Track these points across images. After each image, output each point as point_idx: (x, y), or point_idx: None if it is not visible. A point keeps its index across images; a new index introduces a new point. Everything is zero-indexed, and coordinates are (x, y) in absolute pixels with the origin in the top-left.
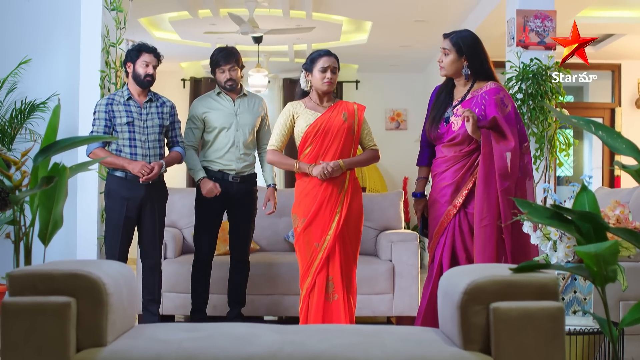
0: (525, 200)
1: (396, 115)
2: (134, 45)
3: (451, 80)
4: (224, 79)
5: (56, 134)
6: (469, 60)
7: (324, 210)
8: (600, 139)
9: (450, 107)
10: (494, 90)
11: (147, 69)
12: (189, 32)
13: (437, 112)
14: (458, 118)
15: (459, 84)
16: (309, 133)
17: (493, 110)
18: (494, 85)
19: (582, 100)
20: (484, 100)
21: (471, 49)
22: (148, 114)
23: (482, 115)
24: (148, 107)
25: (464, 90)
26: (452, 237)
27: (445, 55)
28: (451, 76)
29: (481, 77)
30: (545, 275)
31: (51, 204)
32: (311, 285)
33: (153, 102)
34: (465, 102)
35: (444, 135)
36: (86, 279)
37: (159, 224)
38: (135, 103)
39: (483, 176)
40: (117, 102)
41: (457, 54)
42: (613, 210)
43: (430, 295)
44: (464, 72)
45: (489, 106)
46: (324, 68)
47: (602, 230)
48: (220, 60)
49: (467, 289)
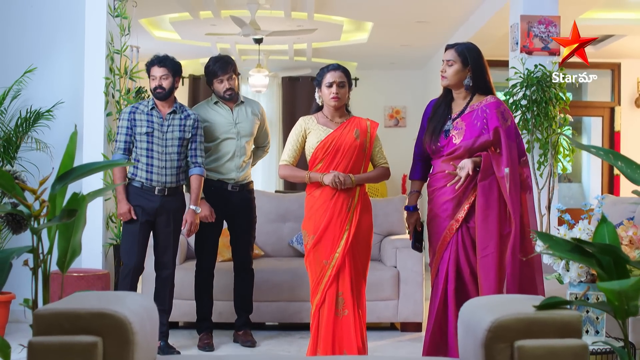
0: (547, 233)
1: (395, 113)
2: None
3: (449, 93)
4: (223, 89)
5: (73, 161)
6: (473, 71)
7: (333, 226)
8: (619, 170)
9: (450, 120)
10: (495, 104)
11: (154, 82)
12: (190, 32)
13: (435, 125)
14: (458, 131)
15: (458, 97)
16: (320, 149)
17: (495, 122)
18: (493, 99)
19: (581, 99)
20: (485, 114)
21: (476, 61)
22: (169, 126)
23: (485, 128)
24: (170, 119)
25: (463, 103)
26: (455, 252)
27: (449, 66)
28: (452, 87)
29: (480, 91)
30: (569, 313)
31: (70, 233)
32: (321, 301)
33: (177, 114)
34: (465, 115)
35: (444, 148)
36: (113, 318)
37: (174, 235)
38: (158, 114)
39: (482, 207)
40: (141, 111)
41: (462, 64)
42: (626, 232)
43: (437, 312)
44: (466, 82)
45: (490, 119)
46: (330, 83)
47: (622, 263)
48: (217, 70)
49: (491, 327)
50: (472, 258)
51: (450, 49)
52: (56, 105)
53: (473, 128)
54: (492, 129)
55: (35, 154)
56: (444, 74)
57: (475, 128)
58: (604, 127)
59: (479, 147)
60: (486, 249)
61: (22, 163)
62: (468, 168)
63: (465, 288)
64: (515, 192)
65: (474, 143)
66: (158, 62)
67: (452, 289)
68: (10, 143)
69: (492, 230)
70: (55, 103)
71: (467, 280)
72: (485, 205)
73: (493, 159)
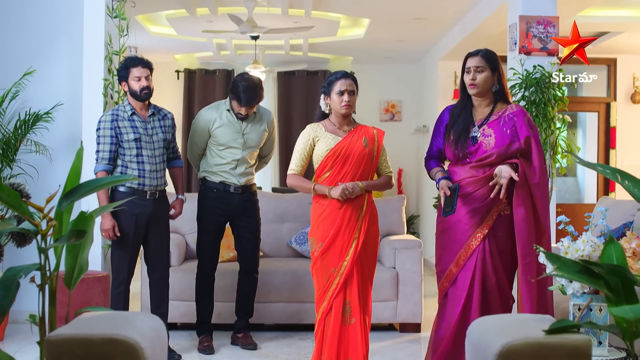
0: (555, 254)
1: (391, 107)
2: (120, 63)
3: (469, 100)
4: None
5: (79, 177)
6: (499, 77)
7: (342, 235)
8: (626, 189)
9: (475, 127)
10: (522, 112)
11: (140, 82)
12: (186, 29)
13: (460, 132)
14: (487, 138)
15: (480, 104)
16: (329, 158)
17: (526, 131)
18: (517, 107)
19: (576, 94)
20: (513, 122)
21: (499, 66)
22: (153, 129)
23: (515, 135)
24: (152, 122)
25: (487, 110)
26: (482, 261)
27: (480, 72)
28: (479, 95)
29: (502, 97)
30: (579, 337)
31: (77, 250)
32: (327, 310)
33: (156, 116)
34: (492, 122)
35: (473, 154)
36: (124, 344)
37: (166, 238)
38: (140, 118)
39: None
40: (122, 117)
41: (491, 70)
42: (629, 243)
43: (457, 321)
44: (495, 88)
45: (520, 127)
46: (341, 91)
47: (630, 285)
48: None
49: (501, 352)
50: (499, 267)
51: (475, 56)
52: (55, 107)
53: (503, 135)
54: (523, 138)
55: (34, 156)
56: (474, 81)
57: (505, 135)
58: (600, 122)
59: (511, 155)
60: (528, 256)
61: (21, 165)
62: (509, 174)
63: (489, 297)
64: (545, 199)
65: (507, 150)
66: (142, 63)
67: (478, 299)
68: (9, 145)
69: (531, 238)
70: (54, 105)
71: (492, 289)
72: (525, 213)
73: (525, 166)
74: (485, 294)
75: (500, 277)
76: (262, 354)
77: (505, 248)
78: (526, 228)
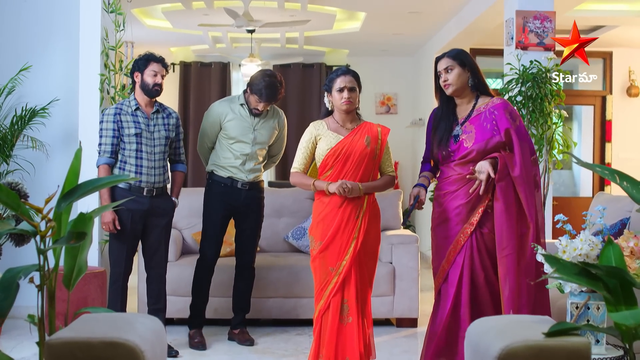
0: (553, 256)
1: (386, 100)
2: (140, 55)
3: (451, 101)
4: (258, 107)
5: (78, 177)
6: (471, 71)
7: (341, 234)
8: (624, 190)
9: (458, 126)
10: (503, 105)
11: (155, 78)
12: (182, 22)
13: (443, 132)
14: (468, 135)
15: (462, 102)
16: (330, 156)
17: (505, 123)
18: (499, 100)
19: (572, 88)
20: (493, 115)
21: (470, 61)
22: (155, 125)
23: (495, 129)
24: (155, 119)
25: (469, 107)
26: (470, 257)
27: (449, 72)
28: (457, 93)
29: (482, 91)
30: (578, 340)
31: (76, 251)
32: (325, 308)
33: (160, 114)
34: (473, 118)
35: (455, 152)
36: (125, 348)
37: (165, 236)
38: (143, 114)
39: (501, 208)
40: (125, 112)
41: (460, 67)
42: (627, 242)
43: (447, 317)
44: (470, 82)
45: (500, 120)
46: (341, 88)
47: (628, 286)
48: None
49: (500, 354)
50: (486, 263)
51: (442, 59)
52: (51, 102)
53: (483, 130)
54: (502, 130)
55: (31, 152)
56: (447, 82)
57: (485, 130)
58: (596, 115)
59: (491, 149)
60: (505, 249)
61: (17, 161)
62: (487, 170)
63: (478, 293)
64: (529, 191)
65: (486, 145)
66: (162, 62)
67: (467, 294)
68: (5, 141)
69: (511, 231)
70: (50, 100)
71: (481, 285)
72: (504, 206)
73: (507, 159)
74: (475, 290)
75: (488, 274)
76: (259, 350)
77: (492, 245)
78: (505, 221)
